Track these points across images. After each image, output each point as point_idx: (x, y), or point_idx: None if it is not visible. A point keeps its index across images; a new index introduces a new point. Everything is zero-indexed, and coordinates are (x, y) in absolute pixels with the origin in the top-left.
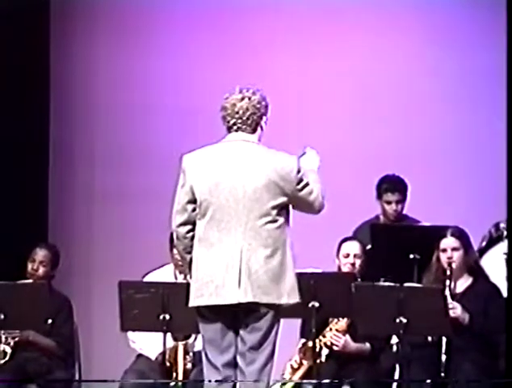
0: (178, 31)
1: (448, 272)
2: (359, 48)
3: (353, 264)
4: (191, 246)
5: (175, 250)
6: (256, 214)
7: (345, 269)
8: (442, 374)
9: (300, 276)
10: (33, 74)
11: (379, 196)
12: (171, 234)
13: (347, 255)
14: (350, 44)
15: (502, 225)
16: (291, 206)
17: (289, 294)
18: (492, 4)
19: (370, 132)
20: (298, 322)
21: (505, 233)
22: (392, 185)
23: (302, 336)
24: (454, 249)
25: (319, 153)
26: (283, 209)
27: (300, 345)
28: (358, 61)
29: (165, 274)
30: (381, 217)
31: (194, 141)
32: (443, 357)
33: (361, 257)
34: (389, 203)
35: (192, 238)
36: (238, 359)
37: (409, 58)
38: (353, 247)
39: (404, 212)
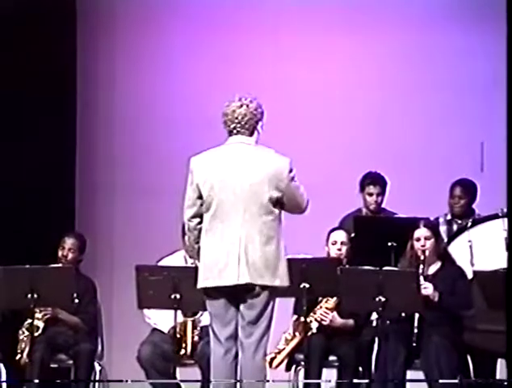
0: (190, 45)
1: (422, 258)
2: (355, 54)
3: (340, 250)
4: (199, 237)
5: (186, 238)
6: (253, 207)
7: (333, 255)
8: (414, 345)
9: (293, 261)
10: (61, 81)
11: (362, 189)
12: (183, 225)
13: (335, 243)
14: (345, 50)
15: (441, 220)
16: (280, 204)
17: (282, 278)
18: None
19: (356, 138)
20: (291, 300)
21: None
22: (373, 179)
23: (295, 313)
24: (426, 238)
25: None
26: (276, 204)
27: (293, 320)
28: (353, 70)
29: (177, 259)
30: (363, 210)
31: (200, 144)
32: (416, 330)
33: (347, 244)
34: (371, 195)
35: (201, 229)
36: (239, 332)
37: (401, 62)
38: (340, 236)
39: (383, 205)
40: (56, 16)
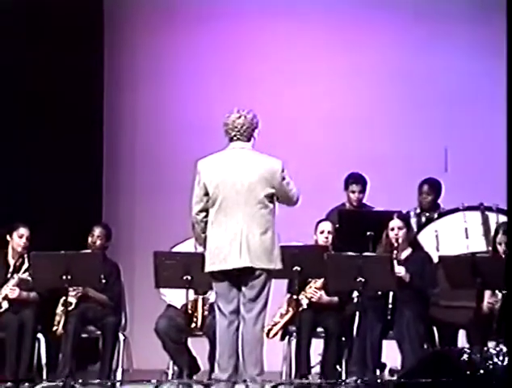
0: (199, 60)
1: (395, 245)
2: (343, 67)
3: (326, 238)
4: (205, 228)
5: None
6: (251, 202)
7: (321, 242)
8: (389, 318)
9: (287, 248)
10: (89, 90)
11: (346, 187)
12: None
13: (322, 232)
14: (336, 62)
15: (412, 213)
16: (275, 198)
17: (276, 262)
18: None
19: (342, 144)
20: (286, 281)
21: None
22: (356, 179)
23: (288, 291)
24: (399, 228)
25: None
26: (271, 199)
27: (287, 298)
28: (340, 84)
29: (188, 246)
30: (347, 204)
31: (205, 150)
32: (390, 306)
33: (332, 233)
34: (353, 192)
35: (206, 222)
36: (241, 308)
37: (383, 77)
38: (326, 226)
39: (364, 201)
40: (84, 20)
